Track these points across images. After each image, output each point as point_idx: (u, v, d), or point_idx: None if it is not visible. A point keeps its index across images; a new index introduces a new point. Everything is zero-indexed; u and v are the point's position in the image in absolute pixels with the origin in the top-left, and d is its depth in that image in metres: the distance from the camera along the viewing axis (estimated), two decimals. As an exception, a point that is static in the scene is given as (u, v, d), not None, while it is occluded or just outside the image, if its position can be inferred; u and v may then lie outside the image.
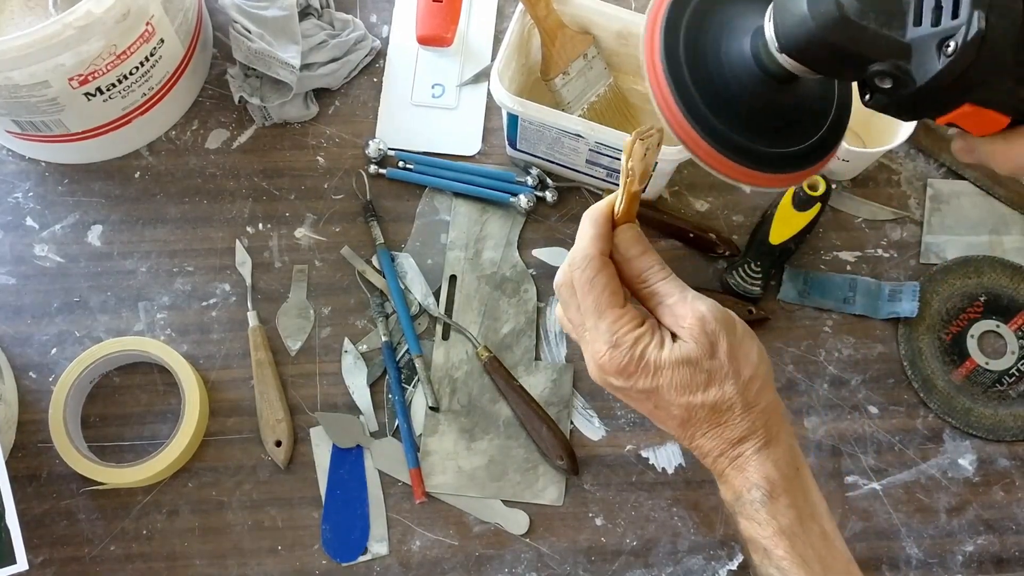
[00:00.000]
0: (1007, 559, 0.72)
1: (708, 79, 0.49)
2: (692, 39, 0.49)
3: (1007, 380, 0.77)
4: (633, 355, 0.51)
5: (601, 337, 0.52)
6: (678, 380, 0.51)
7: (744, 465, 0.52)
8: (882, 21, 0.42)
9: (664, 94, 0.49)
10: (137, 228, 0.79)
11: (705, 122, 0.49)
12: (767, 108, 0.50)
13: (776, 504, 0.51)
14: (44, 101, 0.70)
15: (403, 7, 0.88)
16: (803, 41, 0.44)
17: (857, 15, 0.42)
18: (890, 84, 0.43)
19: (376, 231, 0.78)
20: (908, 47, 0.42)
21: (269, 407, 0.73)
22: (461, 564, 0.71)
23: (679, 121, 0.50)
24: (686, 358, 0.51)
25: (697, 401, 0.52)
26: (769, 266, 0.77)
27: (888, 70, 0.43)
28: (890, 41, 0.42)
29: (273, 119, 0.82)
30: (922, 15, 0.42)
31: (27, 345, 0.75)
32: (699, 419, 0.52)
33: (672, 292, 0.53)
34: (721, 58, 0.49)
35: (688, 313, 0.51)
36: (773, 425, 0.52)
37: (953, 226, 0.81)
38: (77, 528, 0.71)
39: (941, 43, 0.41)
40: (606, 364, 0.52)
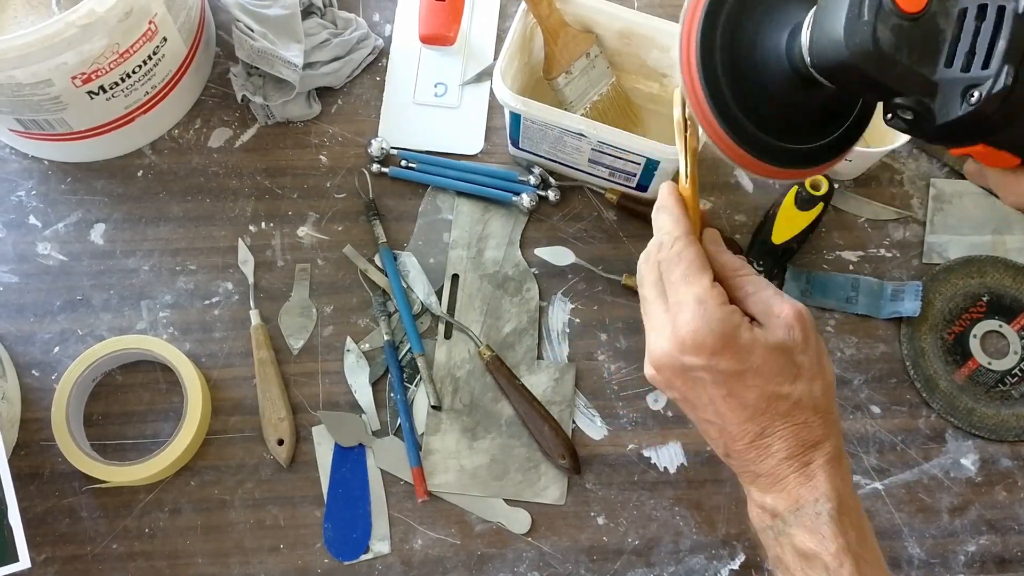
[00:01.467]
0: (1009, 559, 0.72)
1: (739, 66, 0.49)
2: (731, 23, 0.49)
3: (1009, 380, 0.76)
4: (726, 329, 0.48)
5: (688, 309, 0.49)
6: (769, 365, 0.49)
7: (814, 473, 0.49)
8: (915, 58, 0.42)
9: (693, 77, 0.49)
10: (140, 227, 0.79)
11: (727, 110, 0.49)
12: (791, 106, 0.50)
13: (843, 521, 0.49)
14: (47, 100, 0.71)
15: (406, 6, 0.88)
16: (834, 64, 0.44)
17: (891, 49, 0.42)
18: (911, 116, 0.44)
19: (378, 230, 0.78)
20: (935, 86, 0.43)
21: (271, 406, 0.73)
22: (463, 563, 0.71)
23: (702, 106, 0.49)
24: (782, 345, 0.49)
25: (783, 391, 0.49)
26: (772, 265, 0.77)
27: (911, 105, 0.43)
28: (919, 78, 0.43)
29: (276, 118, 0.82)
30: (954, 58, 0.42)
31: (30, 343, 0.75)
32: (778, 413, 0.49)
33: (769, 286, 0.51)
34: (756, 48, 0.49)
35: (787, 306, 0.50)
36: (840, 441, 0.51)
37: (956, 226, 0.81)
38: (79, 526, 0.71)
39: (966, 90, 0.41)
40: (691, 336, 0.48)
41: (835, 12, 0.43)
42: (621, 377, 0.76)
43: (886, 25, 0.42)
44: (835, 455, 0.50)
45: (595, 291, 0.78)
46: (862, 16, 0.42)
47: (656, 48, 0.76)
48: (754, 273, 0.52)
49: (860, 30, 0.42)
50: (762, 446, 0.50)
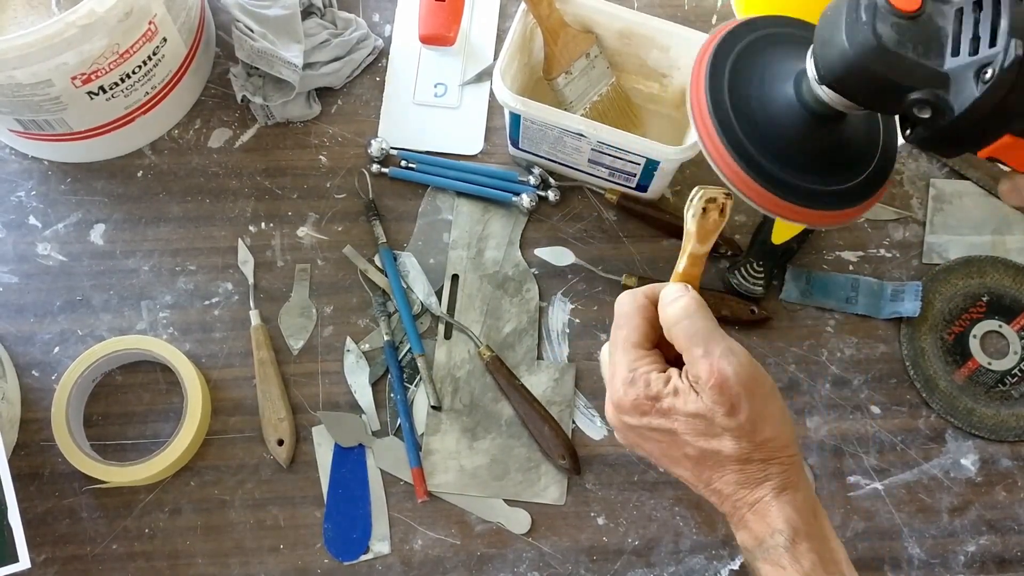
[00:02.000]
0: (1009, 559, 0.72)
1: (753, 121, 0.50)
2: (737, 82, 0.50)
3: (1009, 380, 0.76)
4: (648, 394, 0.52)
5: (620, 373, 0.53)
6: (691, 427, 0.52)
7: (765, 510, 0.52)
8: (920, 51, 0.43)
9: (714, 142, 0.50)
10: (140, 227, 0.79)
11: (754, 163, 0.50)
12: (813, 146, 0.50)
13: (798, 548, 0.51)
14: (47, 100, 0.71)
15: (405, 6, 0.88)
16: (841, 70, 0.44)
17: (895, 45, 0.42)
18: (929, 113, 0.44)
19: (378, 230, 0.78)
20: (946, 76, 0.43)
21: (271, 406, 0.73)
22: (463, 563, 0.71)
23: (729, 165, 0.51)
24: (702, 413, 0.51)
25: (713, 447, 0.52)
26: (771, 266, 0.77)
27: (927, 98, 0.43)
28: (928, 70, 0.43)
29: (276, 118, 0.82)
30: (960, 45, 0.42)
31: (30, 344, 0.75)
32: (716, 463, 0.52)
33: (697, 343, 0.52)
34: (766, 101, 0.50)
35: (712, 371, 0.51)
36: (792, 474, 0.52)
37: (956, 226, 0.81)
38: (79, 526, 0.71)
39: (979, 71, 0.42)
40: (622, 399, 0.53)
41: (834, 23, 0.44)
42: (621, 377, 0.76)
43: (886, 23, 0.43)
44: (783, 487, 0.52)
45: (595, 291, 0.78)
46: (860, 19, 0.43)
47: (656, 48, 0.76)
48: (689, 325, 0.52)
49: (861, 30, 0.43)
50: (715, 492, 0.54)
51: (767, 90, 0.50)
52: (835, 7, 0.45)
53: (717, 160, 0.51)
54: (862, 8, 0.43)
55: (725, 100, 0.50)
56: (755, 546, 0.53)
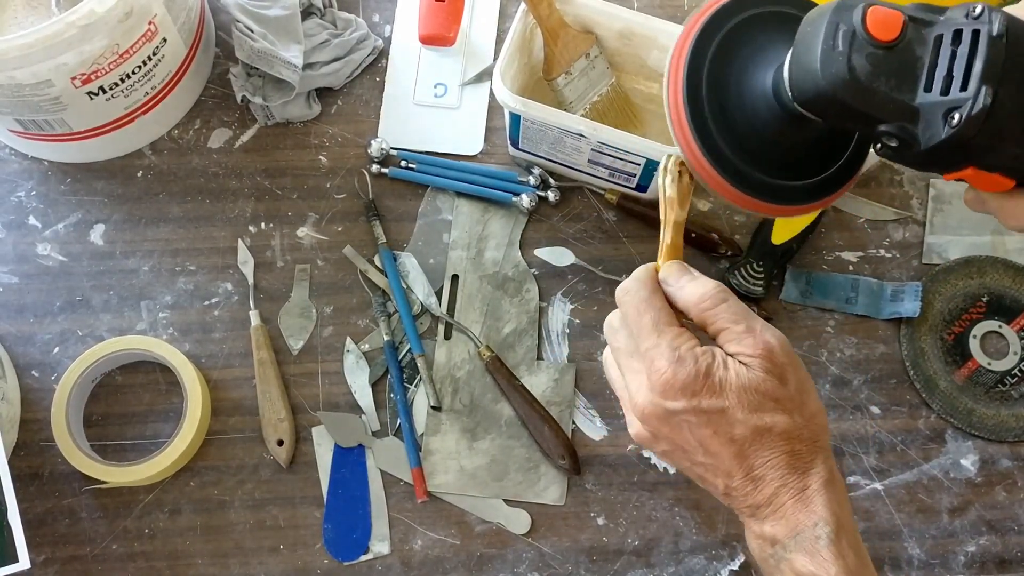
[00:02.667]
0: (1009, 560, 0.72)
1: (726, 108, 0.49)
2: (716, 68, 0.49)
3: (1009, 381, 0.76)
4: (700, 369, 0.49)
5: (663, 354, 0.50)
6: (746, 401, 0.49)
7: (811, 498, 0.50)
8: (892, 85, 0.42)
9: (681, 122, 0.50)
10: (139, 227, 0.79)
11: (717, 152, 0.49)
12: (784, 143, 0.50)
13: (842, 543, 0.49)
14: (47, 100, 0.71)
15: (405, 6, 0.88)
16: (813, 96, 0.44)
17: (868, 78, 0.42)
18: (896, 144, 0.44)
19: (378, 230, 0.78)
20: (916, 111, 0.43)
21: (271, 406, 0.73)
22: (463, 563, 0.71)
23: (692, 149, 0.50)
24: (754, 385, 0.49)
25: (766, 423, 0.50)
26: (771, 266, 0.77)
27: (895, 132, 0.43)
28: (899, 104, 0.43)
29: (275, 118, 0.82)
30: (933, 81, 0.42)
31: (30, 344, 0.75)
32: (764, 443, 0.50)
33: (738, 318, 0.51)
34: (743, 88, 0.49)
35: (757, 343, 0.50)
36: (834, 464, 0.51)
37: (955, 226, 0.81)
38: (79, 527, 0.71)
39: (947, 113, 0.42)
40: (669, 381, 0.50)
41: (811, 45, 0.44)
42: (621, 377, 0.76)
43: (861, 54, 0.42)
44: (829, 479, 0.50)
45: (595, 292, 0.78)
46: (836, 47, 0.43)
47: (656, 48, 0.76)
48: (723, 302, 0.52)
49: (835, 60, 0.42)
50: (757, 477, 0.51)
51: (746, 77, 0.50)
52: (814, 24, 0.44)
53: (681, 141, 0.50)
54: (839, 35, 0.43)
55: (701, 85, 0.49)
56: (790, 536, 0.50)
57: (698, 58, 0.49)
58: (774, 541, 0.51)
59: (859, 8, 0.43)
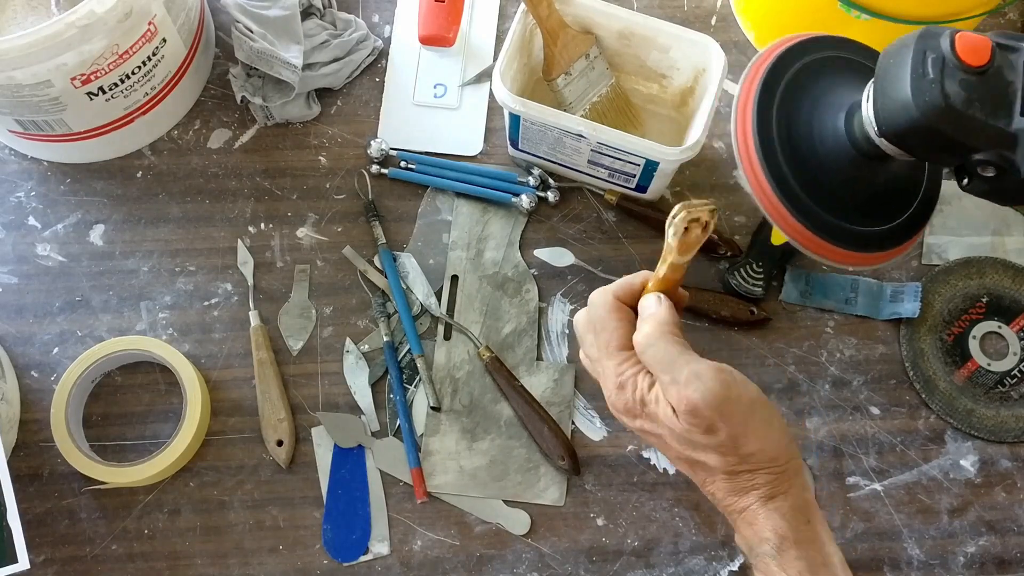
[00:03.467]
0: (1008, 560, 0.72)
1: (797, 150, 0.48)
2: (787, 106, 0.48)
3: (1009, 381, 0.76)
4: (637, 398, 0.53)
5: (608, 376, 0.54)
6: (676, 439, 0.52)
7: (753, 518, 0.52)
8: (988, 111, 0.41)
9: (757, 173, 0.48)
10: (139, 228, 0.79)
11: (797, 201, 0.48)
12: (856, 184, 0.48)
13: (786, 556, 0.51)
14: (46, 100, 0.71)
15: (405, 7, 0.88)
16: (905, 128, 0.43)
17: (963, 104, 0.41)
18: (993, 173, 0.43)
19: (378, 231, 0.78)
20: (1014, 137, 0.41)
21: (271, 407, 0.73)
22: (462, 564, 0.71)
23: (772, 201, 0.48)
24: (679, 432, 0.52)
25: (700, 458, 0.53)
26: (771, 267, 0.77)
27: (992, 160, 0.42)
28: (996, 131, 0.41)
29: (275, 119, 0.82)
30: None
31: (29, 344, 0.75)
32: (704, 470, 0.54)
33: (665, 369, 0.51)
34: (813, 130, 0.48)
35: (680, 398, 0.50)
36: (782, 482, 0.52)
37: (955, 227, 0.81)
38: (79, 527, 0.71)
39: None
40: (614, 402, 0.55)
41: (898, 75, 0.42)
42: (620, 378, 0.76)
43: (953, 80, 0.41)
44: (770, 495, 0.52)
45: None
46: (927, 75, 0.41)
47: (655, 49, 0.76)
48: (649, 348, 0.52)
49: (928, 89, 0.41)
50: (709, 493, 0.55)
51: (816, 119, 0.48)
52: (898, 54, 0.43)
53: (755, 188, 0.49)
54: (929, 63, 0.41)
55: (772, 128, 0.48)
56: (747, 552, 0.54)
57: (765, 108, 0.48)
58: (744, 553, 0.55)
59: (947, 35, 0.41)
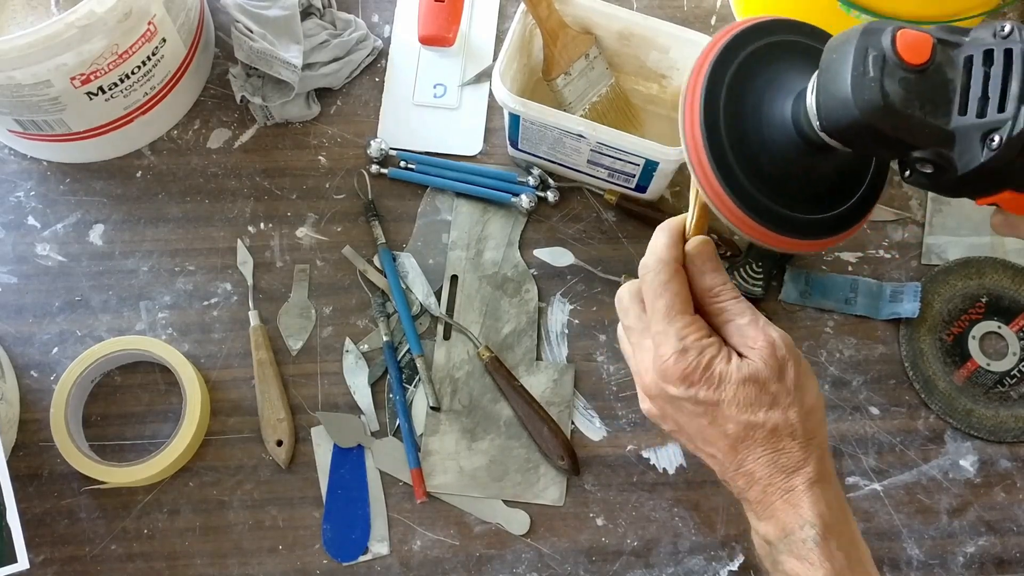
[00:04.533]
0: (1008, 560, 0.72)
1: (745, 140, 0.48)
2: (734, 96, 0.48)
3: (1008, 381, 0.76)
4: (700, 361, 0.50)
5: (669, 341, 0.51)
6: (742, 396, 0.50)
7: (798, 500, 0.50)
8: (928, 109, 0.41)
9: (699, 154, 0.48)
10: (139, 227, 0.79)
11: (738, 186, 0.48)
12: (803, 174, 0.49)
13: (828, 545, 0.49)
14: (46, 100, 0.71)
15: (405, 7, 0.88)
16: (844, 125, 0.43)
17: (903, 104, 0.41)
18: (931, 170, 0.43)
19: (377, 231, 0.78)
20: (952, 135, 0.41)
21: (270, 406, 0.73)
22: (462, 564, 0.71)
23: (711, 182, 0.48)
24: (753, 376, 0.50)
25: (758, 420, 0.50)
26: (771, 267, 0.77)
27: (930, 157, 0.42)
28: (934, 129, 0.42)
29: (275, 119, 0.82)
30: (967, 104, 0.41)
31: (29, 344, 0.75)
32: (756, 440, 0.51)
33: (744, 312, 0.52)
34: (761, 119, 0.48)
35: (760, 335, 0.51)
36: (826, 463, 0.51)
37: (955, 227, 0.81)
38: (78, 527, 0.71)
39: (985, 135, 0.40)
40: (670, 368, 0.51)
41: (840, 72, 0.42)
42: (620, 378, 0.76)
43: (893, 79, 0.41)
44: (817, 479, 0.50)
45: (594, 292, 0.78)
46: (867, 73, 0.41)
47: (655, 49, 0.76)
48: (732, 297, 0.52)
49: (868, 87, 0.41)
50: (746, 473, 0.52)
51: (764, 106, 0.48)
52: (841, 50, 0.43)
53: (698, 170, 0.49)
54: (870, 61, 0.41)
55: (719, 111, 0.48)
56: (780, 538, 0.51)
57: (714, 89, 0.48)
58: (767, 541, 0.52)
59: (888, 32, 0.42)
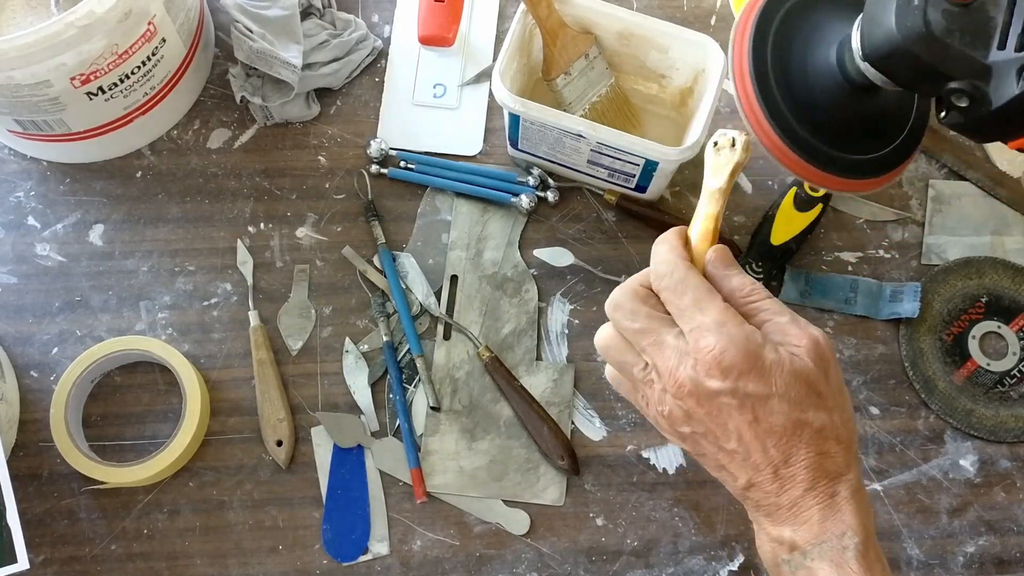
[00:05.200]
0: (1008, 560, 0.72)
1: (792, 84, 0.50)
2: (780, 43, 0.50)
3: (1008, 381, 0.77)
4: (749, 350, 0.47)
5: (709, 330, 0.47)
6: (793, 391, 0.47)
7: (839, 506, 0.48)
8: (967, 41, 0.43)
9: (749, 97, 0.50)
10: (138, 227, 0.79)
11: (787, 126, 0.50)
12: (848, 115, 0.50)
13: (870, 556, 0.48)
14: (46, 100, 0.71)
15: (405, 7, 0.88)
16: (886, 52, 0.45)
17: (943, 33, 0.43)
18: (966, 103, 0.44)
19: (377, 231, 0.78)
20: (989, 68, 0.43)
21: (270, 406, 0.73)
22: (462, 564, 0.71)
23: (761, 123, 0.50)
24: (803, 373, 0.48)
25: (807, 418, 0.48)
26: (770, 267, 0.77)
27: (966, 89, 0.44)
28: (972, 61, 0.43)
29: (275, 119, 0.82)
30: (1007, 39, 0.43)
31: (29, 344, 0.75)
32: (802, 440, 0.48)
33: (783, 311, 0.50)
34: (807, 64, 0.50)
35: (803, 334, 0.49)
36: (859, 474, 0.50)
37: (955, 227, 0.81)
38: (78, 527, 0.71)
39: (1021, 68, 0.42)
40: (716, 358, 0.47)
41: (885, 1, 0.44)
42: (620, 378, 0.76)
43: (937, 10, 0.43)
44: (858, 487, 0.49)
45: (594, 292, 0.78)
46: (912, 3, 0.43)
47: (655, 49, 0.76)
48: (767, 297, 0.51)
49: (911, 15, 0.43)
50: (786, 476, 0.49)
51: (809, 54, 0.50)
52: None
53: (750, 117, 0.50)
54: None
55: (767, 60, 0.49)
56: (813, 544, 0.48)
57: (763, 32, 0.49)
58: (793, 547, 0.49)
59: None
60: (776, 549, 0.50)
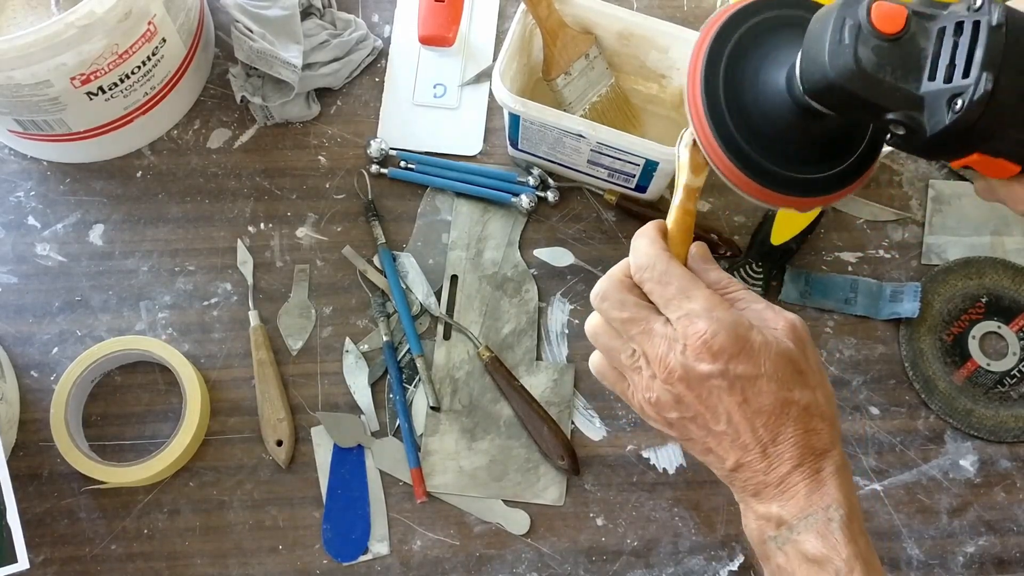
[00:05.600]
0: (1008, 560, 0.72)
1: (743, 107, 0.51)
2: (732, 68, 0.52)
3: (1008, 381, 0.77)
4: (738, 333, 0.49)
5: (698, 316, 0.49)
6: (779, 371, 0.49)
7: (824, 481, 0.49)
8: (899, 75, 0.45)
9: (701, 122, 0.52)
10: (139, 227, 0.79)
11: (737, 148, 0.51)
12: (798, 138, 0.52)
13: (853, 527, 0.49)
14: (46, 100, 0.71)
15: (405, 7, 0.88)
16: (823, 88, 0.46)
17: (874, 68, 0.44)
18: (903, 132, 0.46)
19: (377, 231, 0.78)
20: (921, 99, 0.45)
21: (270, 406, 0.73)
22: (462, 564, 0.71)
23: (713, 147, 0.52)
24: (786, 353, 0.50)
25: (794, 397, 0.49)
26: (770, 267, 0.77)
27: (901, 119, 0.45)
28: (905, 93, 0.45)
29: (275, 119, 0.82)
30: (936, 70, 0.44)
31: (29, 344, 0.75)
32: (790, 418, 0.49)
33: (758, 299, 0.52)
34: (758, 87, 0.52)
35: (779, 318, 0.51)
36: (843, 453, 0.51)
37: (955, 227, 0.81)
38: (78, 527, 0.71)
39: (951, 99, 0.44)
40: (707, 342, 0.49)
41: (820, 39, 0.46)
42: (620, 378, 0.76)
43: (867, 46, 0.45)
44: (842, 464, 0.50)
45: (594, 292, 0.78)
46: (843, 40, 0.45)
47: (655, 49, 0.76)
48: (743, 288, 0.53)
49: (842, 53, 0.45)
50: (774, 454, 0.50)
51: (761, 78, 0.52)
52: (823, 20, 0.47)
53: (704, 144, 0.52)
54: (846, 29, 0.45)
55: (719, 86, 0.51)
56: (799, 517, 0.49)
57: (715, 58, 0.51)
58: (780, 522, 0.50)
59: (864, 3, 0.45)
60: (763, 526, 0.51)
